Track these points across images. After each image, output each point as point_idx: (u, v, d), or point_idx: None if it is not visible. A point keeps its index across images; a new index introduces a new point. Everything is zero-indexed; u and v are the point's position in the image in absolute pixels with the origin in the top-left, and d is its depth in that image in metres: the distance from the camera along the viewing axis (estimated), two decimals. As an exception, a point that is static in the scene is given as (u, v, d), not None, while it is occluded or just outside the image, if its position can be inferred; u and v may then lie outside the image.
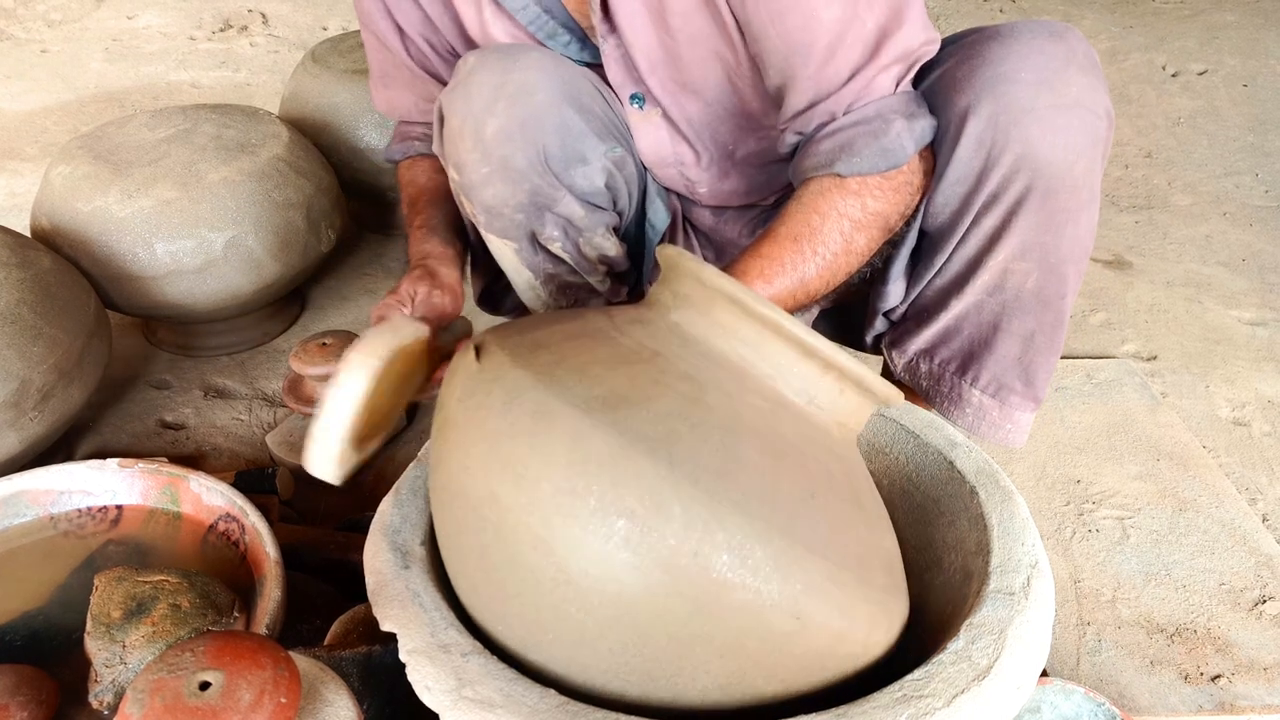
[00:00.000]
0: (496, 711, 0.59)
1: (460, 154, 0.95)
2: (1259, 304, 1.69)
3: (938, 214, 0.95)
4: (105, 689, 0.79)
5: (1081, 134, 0.86)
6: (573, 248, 1.04)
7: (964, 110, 0.87)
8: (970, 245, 0.95)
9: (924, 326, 1.03)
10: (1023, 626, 0.66)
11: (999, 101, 0.86)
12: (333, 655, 0.73)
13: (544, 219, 0.99)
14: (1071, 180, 0.88)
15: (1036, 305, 0.96)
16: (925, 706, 0.59)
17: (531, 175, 0.95)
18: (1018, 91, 0.85)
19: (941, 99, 0.90)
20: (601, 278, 1.09)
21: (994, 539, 0.73)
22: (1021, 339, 0.99)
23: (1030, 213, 0.90)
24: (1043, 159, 0.86)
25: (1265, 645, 1.02)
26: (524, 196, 0.96)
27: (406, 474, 0.82)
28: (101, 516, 1.02)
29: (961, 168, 0.90)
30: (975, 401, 1.04)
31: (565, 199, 0.98)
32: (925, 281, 1.01)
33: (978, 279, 0.96)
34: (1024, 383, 1.02)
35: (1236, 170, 2.22)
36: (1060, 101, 0.85)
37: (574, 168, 0.97)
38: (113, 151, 1.41)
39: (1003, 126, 0.86)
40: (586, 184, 0.99)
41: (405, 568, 0.71)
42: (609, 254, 1.06)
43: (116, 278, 1.35)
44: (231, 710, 0.55)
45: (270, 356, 1.54)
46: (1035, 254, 0.93)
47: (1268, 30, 2.80)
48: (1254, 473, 1.30)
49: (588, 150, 0.97)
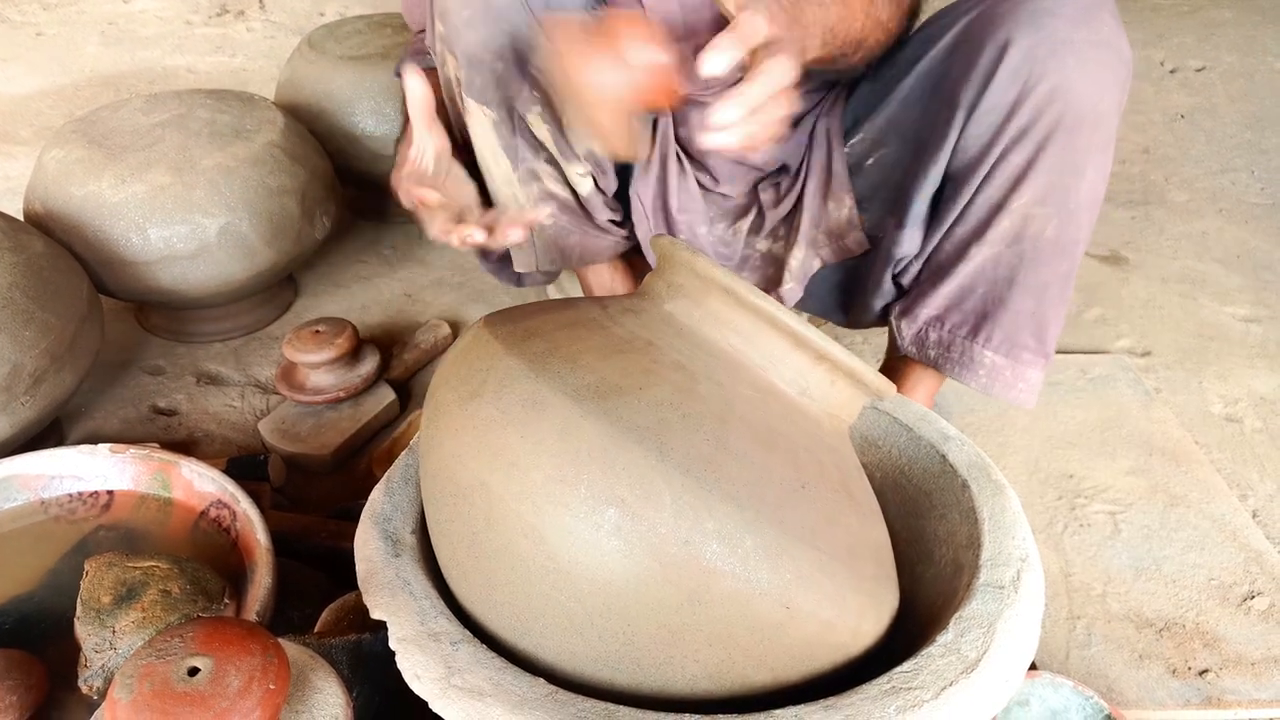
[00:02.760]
0: (485, 700, 0.59)
1: (445, 1, 0.97)
2: (1253, 301, 1.70)
3: (967, 148, 0.96)
4: (95, 674, 0.79)
5: (1110, 72, 0.89)
6: (554, 122, 1.03)
7: (1004, 42, 0.90)
8: (994, 186, 0.96)
9: (939, 285, 1.03)
10: (1012, 620, 0.66)
11: (1039, 33, 0.89)
12: (322, 642, 0.73)
13: (524, 79, 0.99)
14: (1095, 117, 0.90)
15: (1054, 254, 0.98)
16: (914, 698, 0.59)
17: (510, 14, 0.96)
18: (1057, 25, 0.88)
19: (981, 34, 0.93)
20: (585, 173, 1.08)
21: (985, 532, 0.74)
22: (1036, 292, 1.00)
23: (1056, 148, 0.92)
24: (1075, 91, 0.89)
25: (1253, 640, 1.02)
26: (504, 39, 0.97)
27: (398, 462, 0.82)
28: (92, 501, 1.02)
29: (996, 97, 0.92)
30: (988, 362, 1.04)
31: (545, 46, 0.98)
32: (945, 229, 1.01)
33: (999, 224, 0.97)
34: (1036, 338, 1.03)
35: (1233, 167, 2.22)
36: (1095, 38, 0.89)
37: (554, 12, 0.97)
38: (107, 136, 1.40)
39: (1040, 57, 0.89)
40: None
41: (396, 556, 0.71)
42: (595, 147, 1.05)
43: (109, 263, 1.35)
44: (220, 696, 0.55)
45: (264, 343, 1.53)
46: (1056, 197, 0.94)
47: (1265, 27, 2.79)
48: (1245, 469, 1.30)
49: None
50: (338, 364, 1.28)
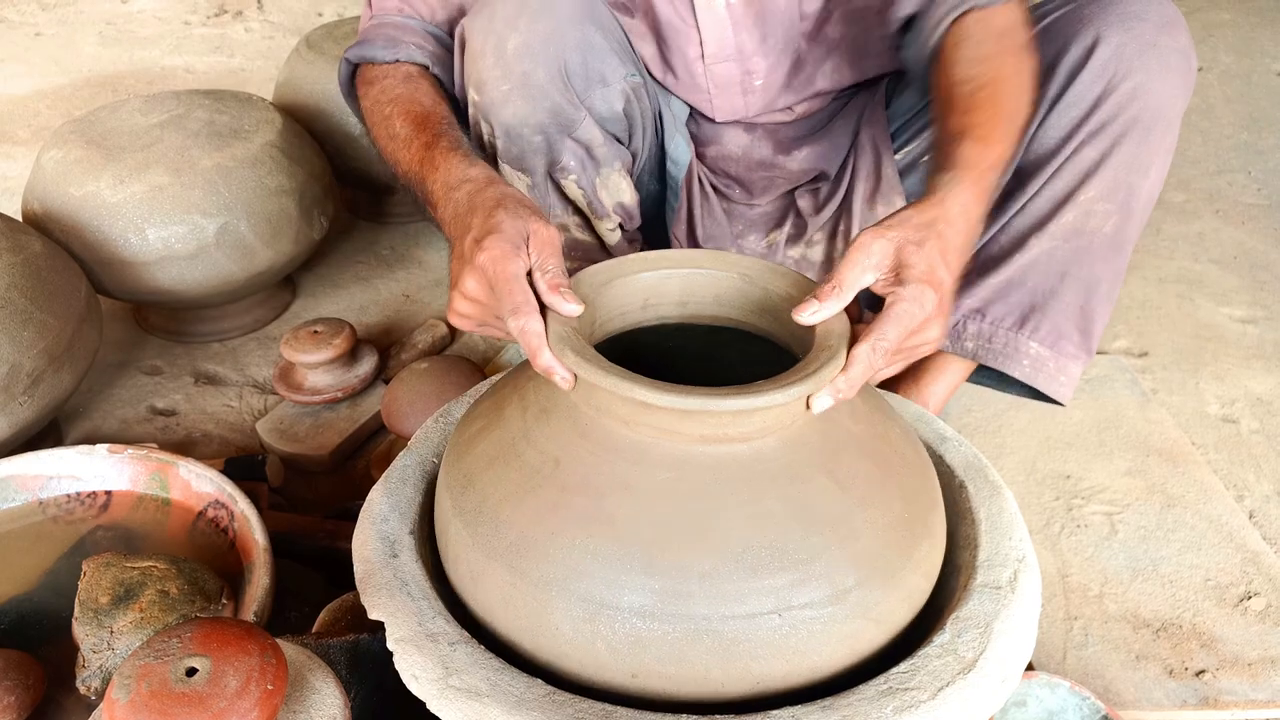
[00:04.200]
0: (483, 700, 0.59)
1: (481, 72, 0.95)
2: (1250, 301, 1.70)
3: (1044, 140, 0.98)
4: (93, 674, 0.79)
5: (1184, 78, 0.95)
6: (589, 186, 1.03)
7: (1092, 41, 0.94)
8: (1064, 179, 0.98)
9: (985, 278, 1.04)
10: (1009, 620, 0.66)
11: (1128, 34, 0.93)
12: (320, 643, 0.73)
13: (563, 145, 0.99)
14: (1166, 120, 0.95)
15: (1109, 250, 1.01)
16: (911, 699, 0.60)
17: (552, 92, 0.95)
18: (1145, 28, 0.93)
19: (1069, 32, 0.96)
20: (614, 226, 1.08)
21: (981, 533, 0.74)
22: (1088, 286, 1.03)
23: (1130, 144, 0.95)
24: (1155, 92, 0.93)
25: (1250, 641, 1.03)
26: (544, 115, 0.96)
27: (396, 463, 0.82)
28: (90, 502, 1.02)
29: (1080, 92, 0.95)
30: (1033, 353, 1.06)
31: (585, 121, 0.97)
32: (1005, 220, 1.02)
33: (1062, 217, 0.99)
34: (1081, 332, 1.05)
35: (1230, 168, 2.22)
36: (1177, 45, 0.93)
37: (594, 88, 0.97)
38: (105, 136, 1.40)
39: (1128, 57, 0.93)
40: (605, 107, 0.98)
41: (394, 556, 0.71)
42: (624, 200, 1.05)
43: (108, 263, 1.35)
44: (217, 696, 0.55)
45: (262, 343, 1.53)
46: (1121, 195, 0.97)
47: (1263, 29, 2.80)
48: (1241, 470, 1.30)
49: (608, 71, 0.97)
50: (335, 364, 1.28)
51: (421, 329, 1.49)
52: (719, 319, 0.78)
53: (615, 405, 0.65)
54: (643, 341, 0.78)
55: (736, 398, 0.61)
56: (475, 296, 0.71)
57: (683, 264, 0.77)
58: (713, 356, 0.82)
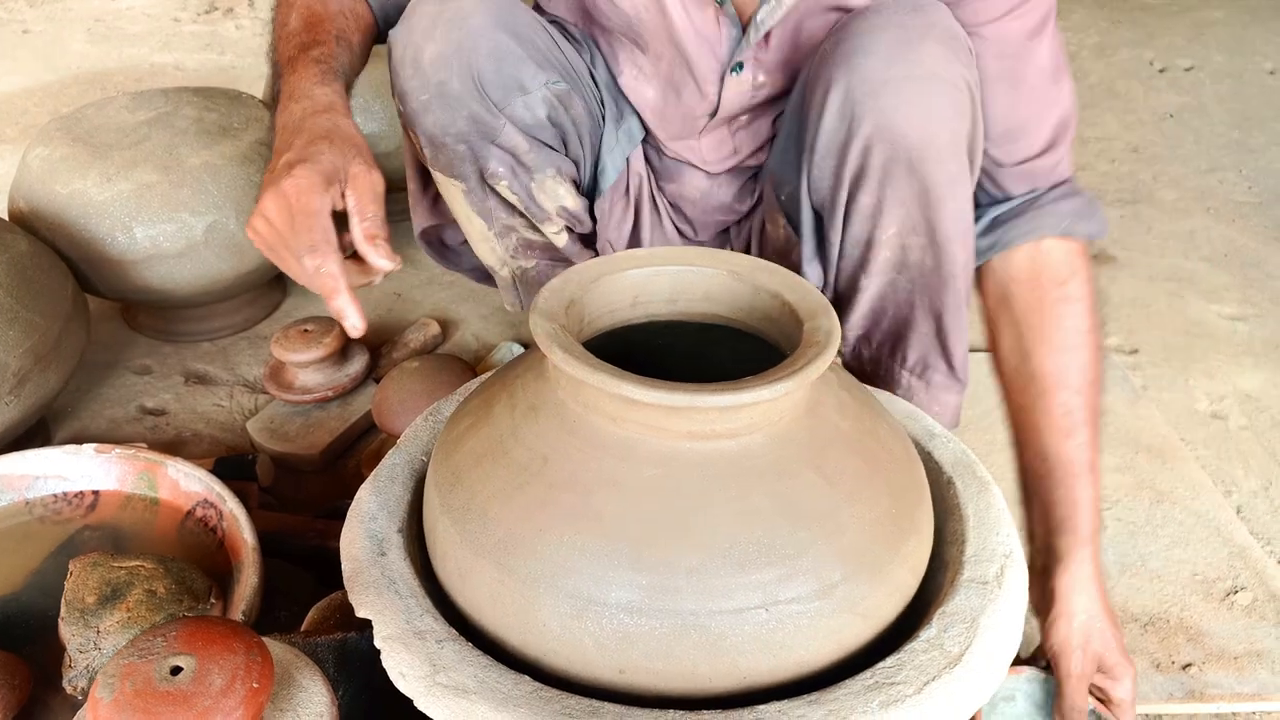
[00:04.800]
0: (470, 697, 0.59)
1: (403, 83, 0.96)
2: (1240, 299, 1.71)
3: (817, 188, 0.95)
4: (79, 674, 0.78)
5: (940, 104, 0.85)
6: (523, 191, 1.02)
7: (827, 84, 0.88)
8: (856, 224, 0.94)
9: (849, 312, 1.02)
10: (995, 615, 0.66)
11: (854, 74, 0.86)
12: (308, 641, 0.73)
13: (488, 152, 0.98)
14: (935, 152, 0.87)
15: (937, 282, 0.96)
16: (897, 693, 0.60)
17: (468, 101, 0.95)
18: (871, 64, 0.85)
19: (814, 78, 0.91)
20: (559, 229, 1.07)
21: (969, 529, 0.74)
22: (933, 316, 0.99)
23: (900, 185, 0.89)
24: (899, 129, 0.85)
25: (1236, 635, 1.03)
26: (464, 124, 0.96)
27: (385, 461, 0.82)
28: (78, 502, 1.02)
29: (827, 139, 0.90)
30: (905, 383, 1.04)
31: (506, 129, 0.97)
32: (834, 263, 1.00)
33: (877, 256, 0.95)
34: (945, 362, 1.02)
35: (1221, 166, 2.23)
36: (914, 73, 0.84)
37: (512, 96, 0.96)
38: (92, 134, 1.40)
39: (859, 98, 0.86)
40: (527, 114, 0.98)
41: (382, 554, 0.71)
42: (567, 205, 1.05)
43: (95, 261, 1.34)
44: (203, 695, 0.54)
45: (252, 342, 1.53)
46: (923, 230, 0.92)
47: (1254, 27, 2.81)
48: (1230, 465, 1.31)
49: (525, 78, 0.96)
50: (326, 363, 1.28)
51: (413, 328, 1.48)
52: (709, 316, 0.78)
53: (603, 402, 0.64)
54: (632, 340, 0.78)
55: (723, 394, 0.61)
56: (272, 219, 0.70)
57: (673, 261, 0.77)
58: (703, 354, 0.82)
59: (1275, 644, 1.02)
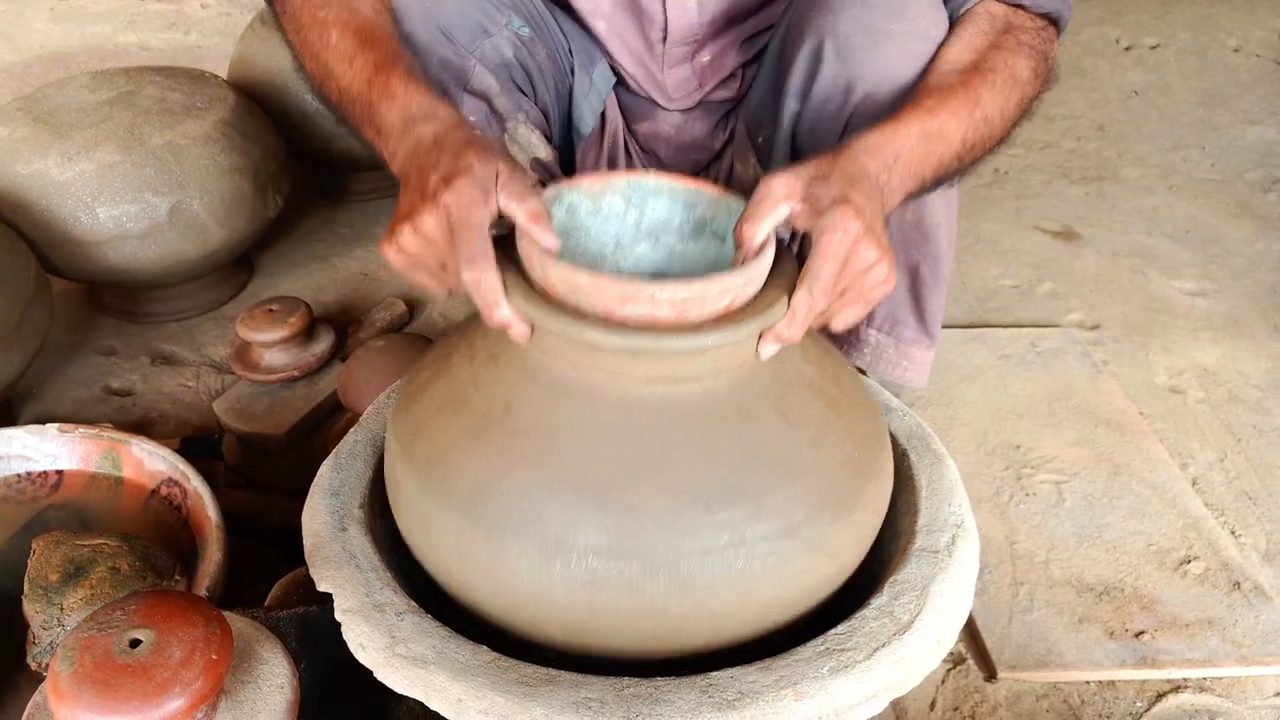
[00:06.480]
0: (429, 668, 0.60)
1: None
2: (1199, 275, 1.73)
3: (810, 130, 0.94)
4: (43, 650, 0.79)
5: (922, 53, 0.86)
6: (496, 140, 1.01)
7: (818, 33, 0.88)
8: None
9: None
10: (945, 583, 0.68)
11: (855, 23, 0.87)
12: (270, 615, 0.73)
13: (461, 99, 0.98)
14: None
15: (917, 236, 0.97)
16: (847, 659, 0.61)
17: (436, 48, 0.94)
18: (860, 13, 0.86)
19: (794, 22, 0.92)
20: (533, 183, 1.08)
21: (922, 500, 0.75)
22: (909, 271, 1.00)
23: None
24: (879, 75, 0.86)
25: (1188, 603, 1.06)
26: (436, 70, 0.95)
27: (347, 438, 0.82)
28: (41, 481, 1.01)
29: (822, 87, 0.90)
30: (872, 341, 1.05)
31: (477, 69, 0.96)
32: None
33: None
34: (916, 318, 1.03)
35: (1184, 144, 2.25)
36: (908, 29, 0.86)
37: (479, 39, 0.96)
38: (52, 113, 1.38)
39: (845, 49, 0.87)
40: (495, 54, 0.97)
41: (342, 530, 0.72)
42: (539, 155, 1.05)
43: (57, 242, 1.33)
44: (162, 667, 0.55)
45: (218, 323, 1.52)
46: None
47: (1220, 5, 2.83)
48: (1187, 438, 1.33)
49: (487, 21, 0.96)
50: (291, 343, 1.28)
51: (380, 307, 1.48)
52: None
53: (564, 349, 0.65)
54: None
55: (682, 337, 0.61)
56: (431, 236, 0.67)
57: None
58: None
59: (1226, 612, 1.05)
